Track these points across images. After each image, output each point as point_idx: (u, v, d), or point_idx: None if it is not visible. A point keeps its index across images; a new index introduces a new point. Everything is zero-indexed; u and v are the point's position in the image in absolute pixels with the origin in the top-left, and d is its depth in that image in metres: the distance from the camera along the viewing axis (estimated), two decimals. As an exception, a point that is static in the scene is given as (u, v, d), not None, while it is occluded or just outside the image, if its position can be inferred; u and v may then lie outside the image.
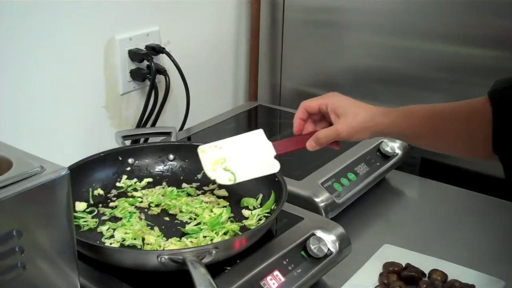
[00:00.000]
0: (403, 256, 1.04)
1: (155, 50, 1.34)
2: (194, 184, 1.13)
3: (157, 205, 1.07)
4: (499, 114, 0.80)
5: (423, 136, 0.91)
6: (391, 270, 1.00)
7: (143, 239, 0.95)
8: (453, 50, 1.37)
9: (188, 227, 0.99)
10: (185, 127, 1.44)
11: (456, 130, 0.88)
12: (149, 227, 0.99)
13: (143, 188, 1.13)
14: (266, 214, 1.02)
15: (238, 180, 0.95)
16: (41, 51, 1.15)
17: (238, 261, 0.90)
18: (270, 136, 0.99)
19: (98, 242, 0.95)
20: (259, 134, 0.98)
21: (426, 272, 1.01)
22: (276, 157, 0.96)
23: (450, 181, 1.34)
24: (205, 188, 1.12)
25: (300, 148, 0.96)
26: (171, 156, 1.17)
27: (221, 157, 0.95)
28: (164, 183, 1.14)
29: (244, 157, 0.96)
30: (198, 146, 0.97)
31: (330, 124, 0.96)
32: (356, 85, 1.52)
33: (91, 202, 1.07)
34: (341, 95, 0.97)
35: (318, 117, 0.98)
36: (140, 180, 1.14)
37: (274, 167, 0.95)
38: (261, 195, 1.07)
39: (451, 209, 1.26)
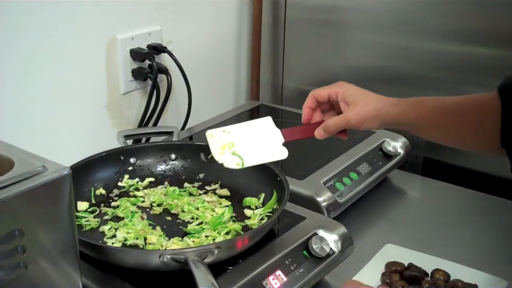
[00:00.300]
0: (405, 255, 1.04)
1: (157, 49, 1.34)
2: (196, 184, 1.13)
3: (159, 205, 1.06)
4: (508, 108, 0.81)
5: (432, 127, 0.91)
6: (393, 270, 1.00)
7: (145, 239, 0.95)
8: (455, 49, 1.37)
9: (190, 227, 0.99)
10: (187, 126, 1.43)
11: (465, 123, 0.88)
12: (151, 227, 0.99)
13: (145, 187, 1.13)
14: (268, 214, 1.02)
15: (246, 165, 0.93)
16: (42, 50, 1.15)
17: (240, 260, 0.90)
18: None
19: (100, 241, 0.95)
20: (267, 121, 0.98)
21: (429, 271, 1.01)
22: (284, 145, 0.96)
23: (452, 181, 1.34)
24: (207, 187, 1.12)
25: (308, 136, 0.96)
26: (173, 156, 1.17)
27: (229, 141, 0.94)
28: (166, 183, 1.14)
29: (253, 142, 0.95)
30: (200, 145, 0.96)
31: (339, 114, 0.95)
32: (358, 84, 1.50)
33: (93, 201, 1.07)
34: (351, 84, 0.96)
35: (327, 106, 0.98)
36: (142, 179, 1.14)
37: (282, 154, 0.95)
38: (263, 195, 1.07)
39: (453, 208, 1.26)
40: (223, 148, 0.94)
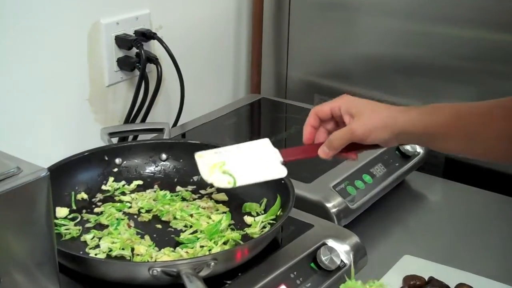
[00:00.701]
0: (425, 268, 1.04)
1: (145, 35, 1.34)
2: (190, 187, 1.13)
3: (148, 211, 1.06)
4: None
5: (452, 135, 0.90)
6: (412, 285, 1.00)
7: (132, 249, 0.95)
8: (481, 36, 1.37)
9: (183, 236, 0.99)
10: (179, 123, 1.44)
11: (491, 129, 0.87)
12: (139, 236, 0.99)
13: (132, 191, 1.13)
14: (271, 221, 1.02)
15: (239, 184, 0.94)
16: (14, 35, 1.14)
17: (239, 274, 0.90)
18: (275, 133, 0.99)
19: (81, 252, 0.95)
20: (264, 143, 0.98)
21: (452, 286, 1.01)
22: (283, 164, 0.96)
23: (477, 184, 1.34)
24: (202, 191, 1.12)
25: (310, 156, 0.96)
26: (164, 156, 1.17)
27: (220, 160, 0.95)
28: (155, 186, 1.14)
29: (247, 161, 0.96)
30: (193, 144, 0.97)
31: None
32: (371, 75, 1.52)
33: (74, 207, 1.07)
34: (355, 97, 0.96)
35: (332, 126, 0.98)
36: (129, 182, 1.14)
37: (280, 172, 0.95)
38: (265, 200, 1.07)
39: (479, 214, 1.26)
40: (213, 167, 0.95)
